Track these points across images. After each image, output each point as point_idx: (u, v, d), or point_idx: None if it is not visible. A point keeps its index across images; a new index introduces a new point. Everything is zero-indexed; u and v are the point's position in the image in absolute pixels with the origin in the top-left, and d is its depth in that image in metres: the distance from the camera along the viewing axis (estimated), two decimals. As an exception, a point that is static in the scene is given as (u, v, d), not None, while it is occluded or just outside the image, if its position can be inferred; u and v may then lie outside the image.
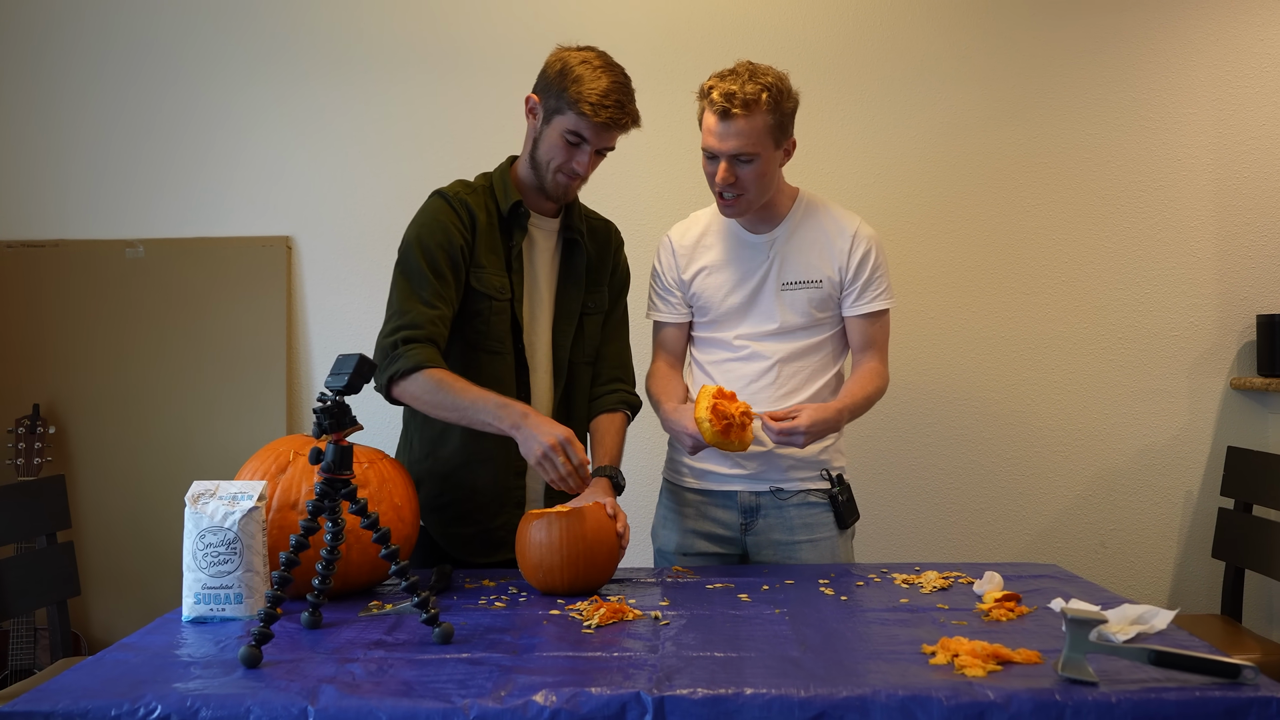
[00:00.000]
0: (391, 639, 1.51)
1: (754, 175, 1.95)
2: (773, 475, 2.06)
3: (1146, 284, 3.01)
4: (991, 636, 1.44)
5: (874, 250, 2.07)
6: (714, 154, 1.95)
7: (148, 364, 3.04)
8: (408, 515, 1.81)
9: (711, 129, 1.94)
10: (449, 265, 1.90)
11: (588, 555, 1.75)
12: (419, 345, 1.84)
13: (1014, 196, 3.02)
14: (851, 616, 1.61)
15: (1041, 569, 1.93)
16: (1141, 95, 2.99)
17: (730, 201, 1.99)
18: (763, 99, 1.90)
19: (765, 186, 1.99)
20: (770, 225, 2.07)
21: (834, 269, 2.05)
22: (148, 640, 1.52)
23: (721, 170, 1.95)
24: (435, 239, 1.90)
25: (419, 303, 1.88)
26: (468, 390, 1.81)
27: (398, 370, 1.83)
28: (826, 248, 2.06)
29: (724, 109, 1.90)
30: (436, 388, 1.82)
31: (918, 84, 3.01)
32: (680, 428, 1.98)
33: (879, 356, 2.10)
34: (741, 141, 1.92)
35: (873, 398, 2.06)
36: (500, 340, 1.95)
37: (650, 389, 2.12)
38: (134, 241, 3.07)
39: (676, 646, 1.45)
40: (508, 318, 1.95)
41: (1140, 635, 1.44)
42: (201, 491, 1.64)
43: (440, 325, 1.88)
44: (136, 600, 2.98)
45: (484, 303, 1.93)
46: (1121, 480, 3.02)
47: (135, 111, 3.08)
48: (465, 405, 1.80)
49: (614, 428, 2.04)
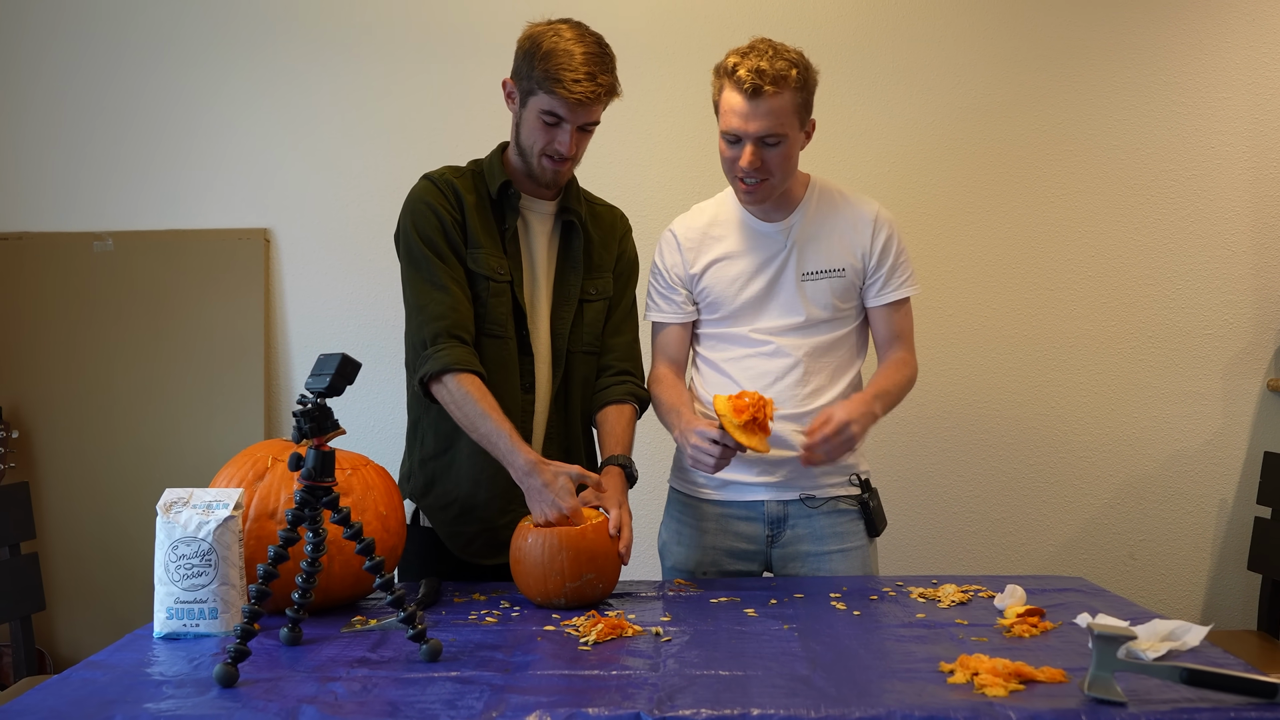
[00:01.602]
0: (376, 656, 1.51)
1: (780, 158, 1.95)
2: (801, 482, 2.05)
3: (1178, 279, 3.01)
4: (1014, 654, 1.44)
5: (895, 235, 2.08)
6: (738, 136, 1.94)
7: (117, 364, 3.04)
8: (393, 525, 1.81)
9: (737, 109, 1.92)
10: (448, 245, 1.96)
11: (586, 572, 1.75)
12: (445, 344, 1.90)
13: (1037, 187, 3.02)
14: (865, 633, 1.61)
15: (1067, 582, 1.93)
16: (1173, 78, 2.99)
17: (753, 188, 1.98)
18: (792, 75, 1.91)
19: (789, 170, 2.00)
20: (785, 212, 2.07)
21: (856, 256, 2.05)
22: (117, 658, 1.52)
23: (747, 154, 1.93)
24: (428, 222, 1.96)
25: (434, 289, 1.94)
26: (484, 419, 1.86)
27: (426, 374, 1.90)
28: (847, 234, 2.06)
29: (755, 86, 1.88)
30: (458, 403, 1.89)
31: (934, 66, 3.01)
32: (702, 434, 1.90)
33: (906, 347, 2.11)
34: (770, 122, 1.91)
35: (904, 387, 2.06)
36: (501, 324, 1.98)
37: (657, 395, 2.09)
38: (102, 234, 3.07)
39: (679, 664, 1.45)
40: (507, 300, 1.98)
41: (1171, 652, 1.44)
42: (174, 499, 1.64)
43: (462, 308, 1.94)
44: (105, 615, 2.98)
45: (482, 284, 1.97)
46: (1152, 488, 3.02)
47: (103, 95, 3.08)
48: (482, 433, 1.88)
49: (623, 418, 2.05)
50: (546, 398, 2.03)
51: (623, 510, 1.86)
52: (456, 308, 1.93)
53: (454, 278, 1.95)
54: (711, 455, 1.89)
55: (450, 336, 1.91)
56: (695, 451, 1.91)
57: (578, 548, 1.75)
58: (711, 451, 1.88)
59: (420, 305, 1.95)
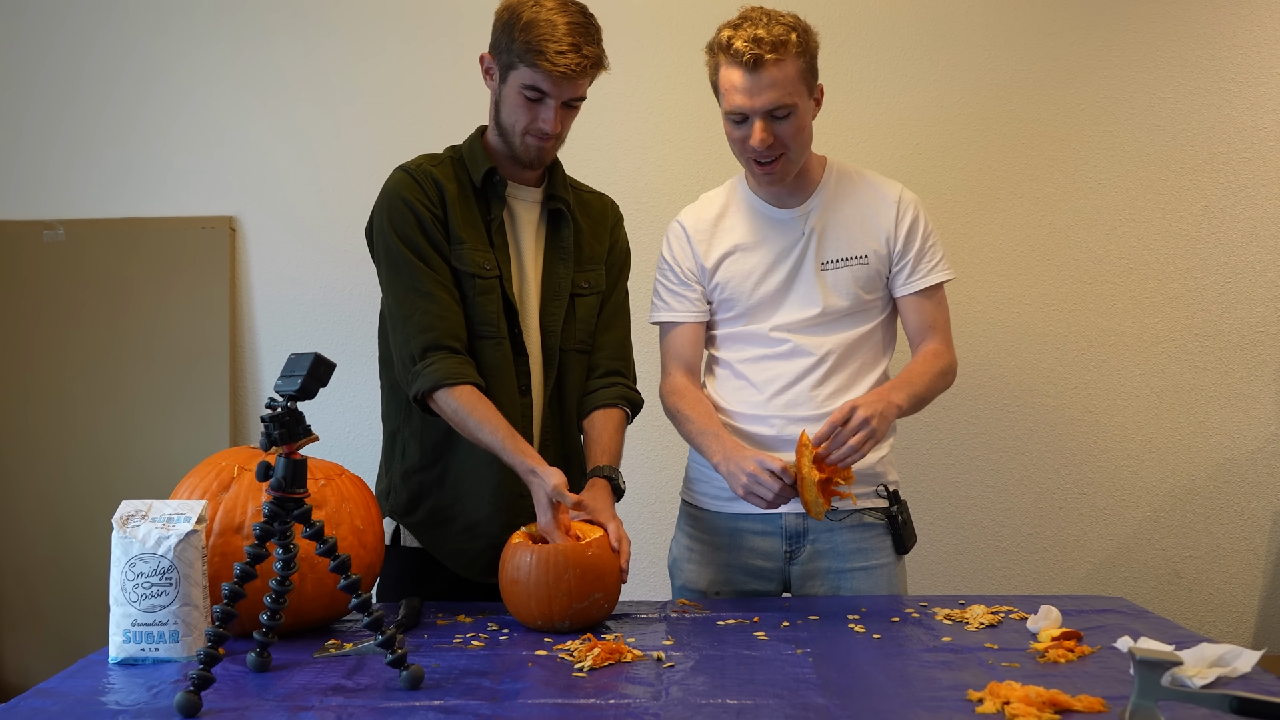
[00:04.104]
0: (352, 684, 1.51)
1: (793, 131, 1.96)
2: None
3: (1228, 272, 3.01)
4: (1048, 681, 1.44)
5: (922, 216, 2.08)
6: (744, 114, 1.95)
7: (69, 365, 3.04)
8: (370, 540, 1.81)
9: (738, 85, 1.93)
10: (430, 244, 1.95)
11: (594, 590, 1.75)
12: (435, 358, 1.91)
13: (1074, 171, 3.02)
14: (886, 658, 1.61)
15: (1106, 602, 1.93)
16: (1222, 51, 2.99)
17: (769, 167, 1.99)
18: (792, 39, 1.92)
19: (805, 142, 2.00)
20: (802, 197, 2.08)
21: (880, 241, 2.06)
22: (69, 685, 1.52)
23: (758, 131, 1.94)
24: (406, 220, 1.95)
25: (419, 296, 1.94)
26: (480, 429, 1.89)
27: (419, 391, 1.91)
28: (869, 218, 2.06)
29: (755, 57, 1.89)
30: (454, 415, 1.90)
31: (961, 40, 3.01)
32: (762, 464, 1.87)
33: (941, 339, 2.09)
34: (777, 93, 1.92)
35: (934, 380, 2.03)
36: (492, 324, 1.98)
37: (678, 409, 2.07)
38: (53, 223, 3.07)
39: (683, 692, 1.45)
40: (497, 297, 1.99)
41: (1220, 679, 1.44)
42: (131, 512, 1.64)
43: (451, 316, 1.94)
44: (56, 639, 2.98)
45: (468, 282, 1.97)
46: (1199, 499, 3.02)
47: (52, 70, 3.08)
48: (484, 444, 1.90)
49: (611, 425, 2.05)
50: (541, 401, 2.04)
51: (618, 523, 1.87)
52: (445, 315, 1.93)
53: (439, 281, 1.94)
54: (771, 490, 1.87)
55: (440, 348, 1.91)
56: (752, 483, 1.88)
57: (584, 564, 1.75)
58: (772, 486, 1.87)
59: (404, 316, 1.94)
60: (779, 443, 2.02)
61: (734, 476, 1.91)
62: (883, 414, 1.87)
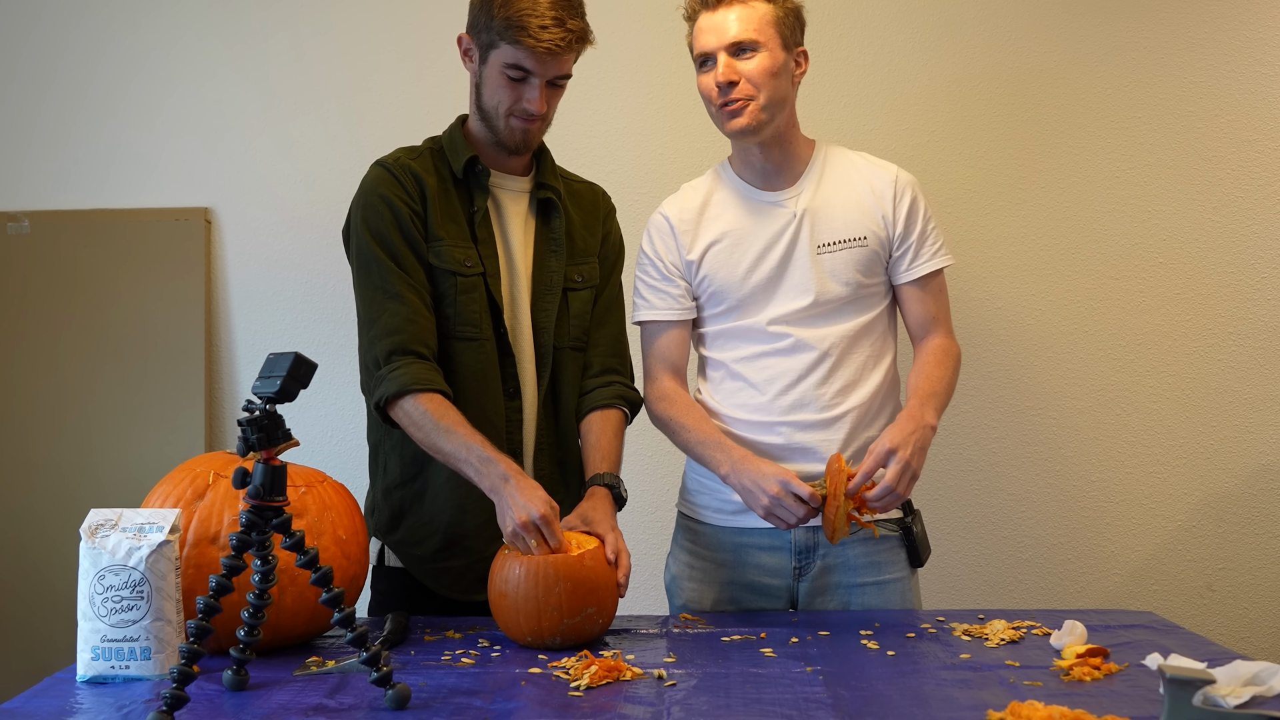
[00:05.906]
0: (334, 703, 1.51)
1: (759, 72, 1.98)
2: None
3: (1263, 266, 3.01)
4: (1073, 700, 1.44)
5: (921, 198, 2.11)
6: (708, 55, 2.00)
7: (34, 364, 3.04)
8: (354, 551, 1.82)
9: (704, 26, 2.01)
10: (406, 244, 1.95)
11: (587, 605, 1.75)
12: (402, 361, 1.90)
13: (1098, 159, 3.01)
14: (901, 676, 1.61)
15: (1134, 617, 1.94)
16: (1256, 32, 2.98)
17: (737, 107, 2.00)
18: None
19: (778, 92, 2.01)
20: (790, 178, 2.09)
21: (878, 222, 2.07)
22: (34, 705, 1.52)
23: (722, 67, 1.98)
24: (382, 218, 1.96)
25: (387, 298, 1.93)
26: (450, 435, 1.86)
27: (382, 396, 1.90)
28: (865, 198, 2.08)
29: None
30: (417, 424, 1.88)
31: (978, 20, 3.00)
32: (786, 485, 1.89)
33: (944, 331, 2.12)
34: (741, 27, 1.98)
35: (953, 382, 2.07)
36: (474, 324, 1.98)
37: (669, 416, 2.08)
38: (16, 214, 3.07)
39: (685, 712, 1.45)
40: (481, 296, 1.99)
41: (1256, 699, 1.44)
42: (100, 522, 1.64)
43: (420, 320, 1.94)
44: (20, 656, 2.98)
45: (449, 281, 1.97)
46: (1233, 508, 3.02)
47: (14, 54, 3.07)
48: (448, 452, 1.87)
49: (610, 428, 2.05)
50: (534, 403, 2.04)
51: (617, 534, 1.86)
52: (413, 319, 1.93)
53: (410, 284, 1.94)
54: (796, 515, 1.90)
55: (405, 353, 1.91)
56: (775, 505, 1.90)
57: (577, 577, 1.75)
58: (797, 511, 1.90)
59: (371, 318, 1.94)
60: (787, 452, 2.02)
61: (751, 495, 1.93)
62: (921, 448, 1.91)
